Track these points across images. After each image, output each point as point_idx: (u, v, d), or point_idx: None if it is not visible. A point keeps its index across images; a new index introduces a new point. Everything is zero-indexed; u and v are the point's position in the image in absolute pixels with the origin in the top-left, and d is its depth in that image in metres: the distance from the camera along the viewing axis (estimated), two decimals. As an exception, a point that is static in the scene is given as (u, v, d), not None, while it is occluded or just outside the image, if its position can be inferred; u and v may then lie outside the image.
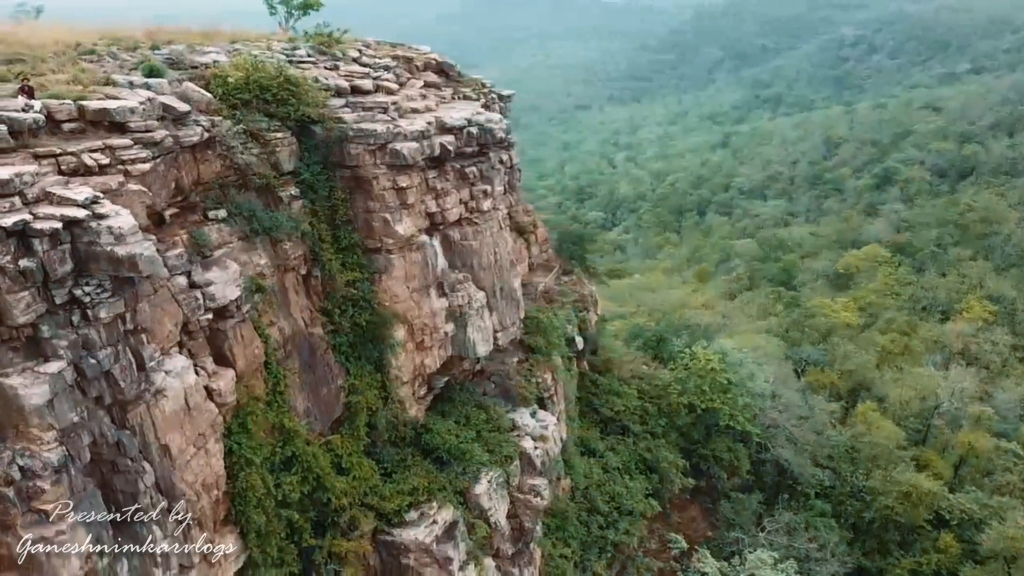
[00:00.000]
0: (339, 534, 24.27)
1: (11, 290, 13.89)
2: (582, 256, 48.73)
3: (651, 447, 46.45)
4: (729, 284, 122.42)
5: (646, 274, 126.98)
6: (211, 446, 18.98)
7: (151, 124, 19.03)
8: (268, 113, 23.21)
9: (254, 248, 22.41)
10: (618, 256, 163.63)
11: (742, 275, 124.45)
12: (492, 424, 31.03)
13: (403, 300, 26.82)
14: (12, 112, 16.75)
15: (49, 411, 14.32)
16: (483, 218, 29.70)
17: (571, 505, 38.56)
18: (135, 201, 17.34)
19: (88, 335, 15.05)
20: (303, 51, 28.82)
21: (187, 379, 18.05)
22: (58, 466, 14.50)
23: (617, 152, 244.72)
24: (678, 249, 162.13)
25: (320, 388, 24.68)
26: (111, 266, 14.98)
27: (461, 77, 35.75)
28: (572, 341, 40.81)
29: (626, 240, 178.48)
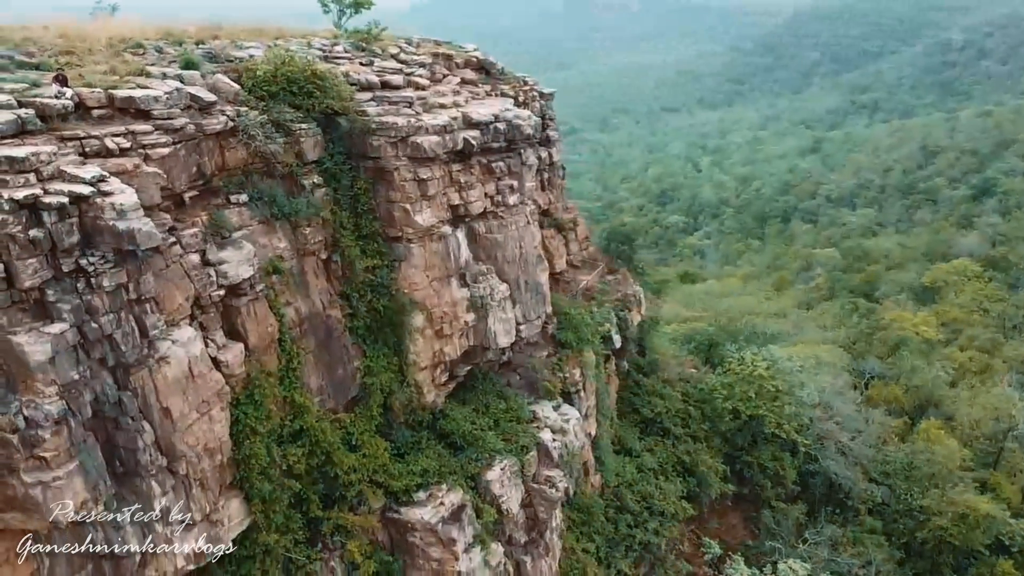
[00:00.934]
0: (347, 508, 25.44)
1: (20, 257, 15.45)
2: (629, 256, 48.78)
3: (691, 450, 46.21)
4: (807, 293, 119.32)
5: (723, 280, 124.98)
6: (215, 413, 20.32)
7: (173, 112, 20.58)
8: (294, 105, 24.54)
9: (274, 231, 23.80)
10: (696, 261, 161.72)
11: (822, 285, 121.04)
12: (511, 414, 31.70)
13: (422, 288, 27.80)
14: (44, 98, 18.51)
15: (51, 368, 15.85)
16: (509, 212, 30.41)
17: (598, 501, 38.85)
18: (150, 182, 18.83)
19: (91, 301, 16.53)
20: (341, 47, 30.21)
21: (192, 349, 19.44)
22: (58, 418, 16.00)
23: (703, 156, 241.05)
24: (759, 256, 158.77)
25: (335, 368, 25.92)
26: (113, 239, 16.42)
27: (503, 75, 36.55)
28: (609, 339, 41.03)
29: (706, 245, 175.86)
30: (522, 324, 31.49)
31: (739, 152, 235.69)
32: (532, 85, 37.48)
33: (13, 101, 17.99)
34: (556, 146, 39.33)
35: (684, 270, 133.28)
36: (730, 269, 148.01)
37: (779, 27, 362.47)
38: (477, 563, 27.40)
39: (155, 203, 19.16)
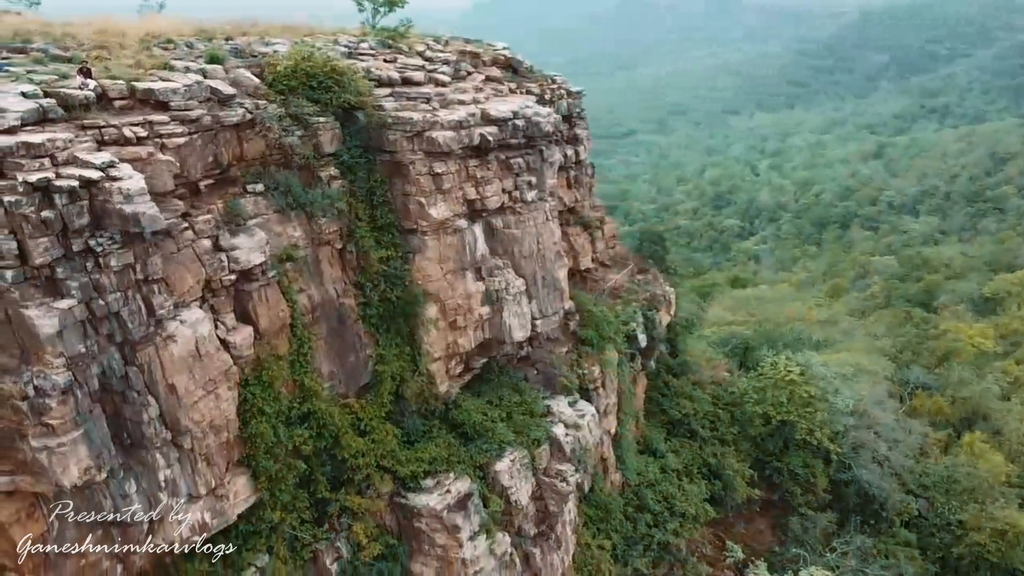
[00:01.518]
0: (354, 491, 26.23)
1: (32, 236, 16.54)
2: (661, 256, 48.71)
3: (718, 453, 46.01)
4: (862, 301, 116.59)
5: (775, 285, 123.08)
6: (222, 392, 21.25)
7: (191, 104, 21.61)
8: (313, 99, 25.43)
9: (289, 221, 24.71)
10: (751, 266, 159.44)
11: (877, 293, 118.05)
12: (524, 407, 32.11)
13: (436, 280, 28.43)
14: (68, 89, 19.70)
15: (59, 341, 16.91)
16: (527, 208, 30.82)
17: (617, 499, 39.01)
18: (163, 169, 19.86)
19: (99, 280, 17.56)
20: (367, 45, 31.08)
21: (200, 329, 20.39)
22: (64, 388, 17.06)
23: (762, 159, 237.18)
24: (815, 262, 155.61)
25: (347, 354, 26.74)
26: (120, 221, 17.42)
27: (531, 73, 37.00)
28: (634, 338, 41.10)
29: (761, 250, 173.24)
30: (538, 319, 31.87)
31: (799, 156, 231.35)
32: (560, 83, 37.83)
33: (39, 91, 19.19)
34: (584, 144, 39.57)
35: (735, 275, 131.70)
36: (785, 275, 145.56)
37: (844, 29, 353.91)
38: (482, 551, 27.91)
39: (168, 189, 20.18)
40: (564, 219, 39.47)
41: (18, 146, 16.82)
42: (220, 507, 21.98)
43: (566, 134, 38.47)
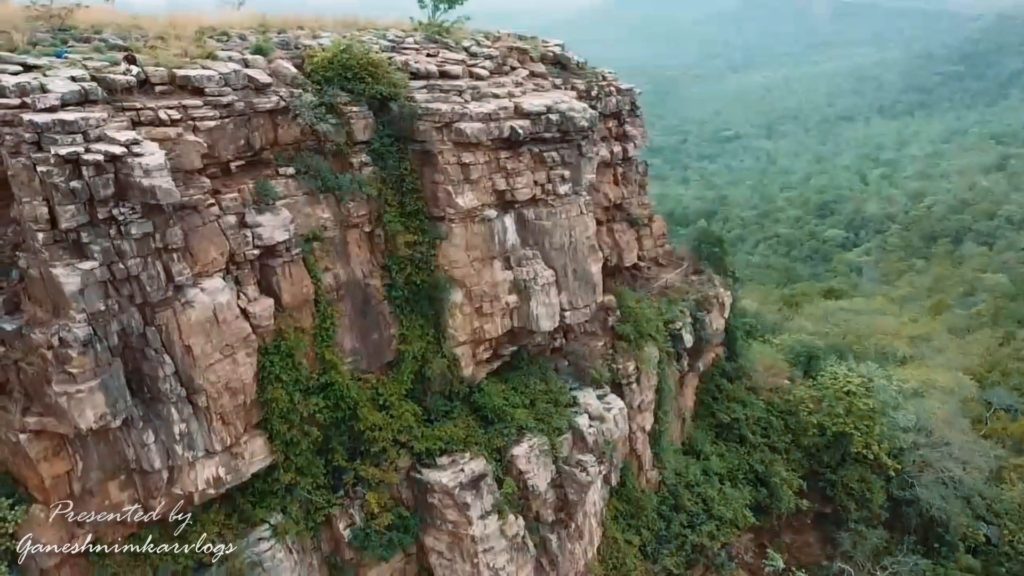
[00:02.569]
0: (370, 462, 27.59)
1: (61, 203, 18.58)
2: (719, 258, 48.15)
3: (767, 460, 45.30)
4: (967, 320, 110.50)
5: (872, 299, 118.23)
6: (240, 357, 22.97)
7: (224, 90, 23.46)
8: (347, 89, 26.94)
9: (318, 203, 26.30)
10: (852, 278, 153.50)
11: (984, 312, 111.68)
12: (549, 396, 32.73)
13: (462, 266, 29.48)
14: (114, 74, 21.83)
15: (81, 298, 18.91)
16: (560, 201, 31.45)
17: (651, 497, 39.11)
18: (190, 149, 21.69)
19: (120, 246, 19.48)
20: (412, 39, 32.46)
21: (219, 297, 22.14)
22: (85, 341, 19.05)
23: (874, 168, 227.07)
24: (921, 277, 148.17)
25: (371, 333, 28.18)
26: (140, 193, 19.27)
27: (581, 69, 37.53)
28: (679, 338, 41.00)
29: (865, 262, 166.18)
30: (567, 310, 32.41)
31: (914, 166, 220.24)
32: (610, 80, 38.18)
33: (87, 75, 21.37)
34: (635, 142, 39.74)
35: (829, 286, 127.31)
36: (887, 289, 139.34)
37: (978, 33, 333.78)
38: (492, 530, 28.77)
39: (195, 167, 22.00)
40: (610, 215, 39.83)
41: (54, 123, 18.89)
42: (235, 464, 23.77)
43: (615, 131, 38.79)
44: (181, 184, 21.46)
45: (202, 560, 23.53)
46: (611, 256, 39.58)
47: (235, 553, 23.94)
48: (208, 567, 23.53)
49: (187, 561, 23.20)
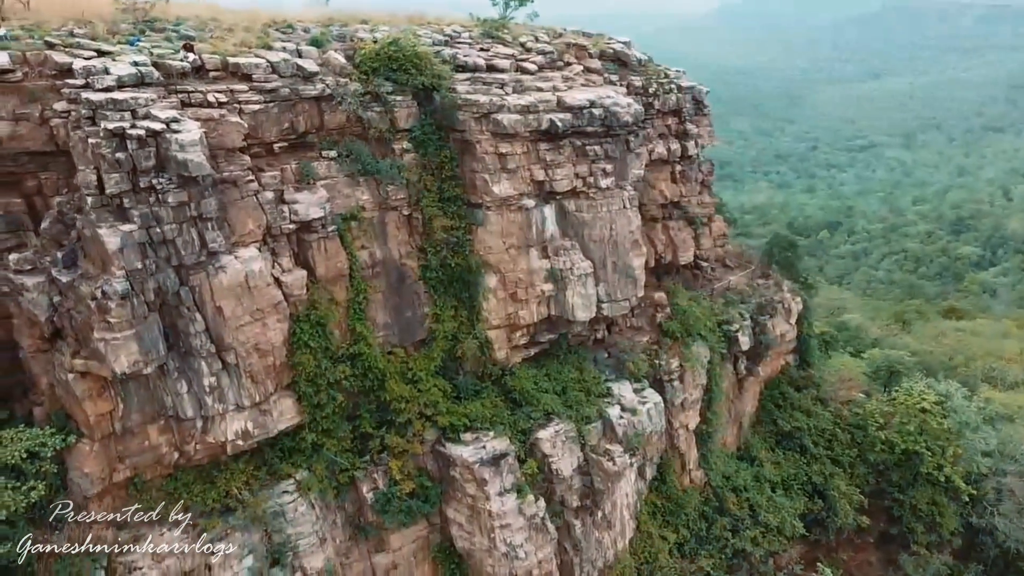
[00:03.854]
0: (395, 432, 29.21)
1: (108, 171, 21.11)
2: (791, 263, 47.08)
3: (827, 473, 44.11)
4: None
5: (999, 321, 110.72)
6: (270, 322, 25.07)
7: (270, 77, 25.65)
8: (392, 79, 28.66)
9: (358, 185, 28.16)
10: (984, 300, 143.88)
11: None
12: (582, 385, 33.42)
13: (497, 252, 30.67)
14: (172, 60, 24.39)
15: (121, 256, 21.38)
16: (601, 194, 32.07)
17: (693, 496, 38.99)
18: (231, 129, 23.91)
19: (158, 212, 21.85)
20: (468, 34, 33.89)
21: (252, 266, 24.27)
22: (123, 294, 21.49)
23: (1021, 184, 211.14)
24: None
25: (404, 310, 29.82)
26: (176, 166, 21.57)
27: (641, 66, 37.86)
28: (734, 340, 40.58)
29: (1001, 284, 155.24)
30: (605, 302, 32.98)
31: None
32: (672, 78, 38.28)
33: (148, 61, 23.99)
34: (696, 140, 39.62)
35: (950, 305, 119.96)
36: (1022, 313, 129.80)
37: None
38: (510, 508, 29.80)
39: (236, 146, 24.21)
40: (666, 213, 39.91)
41: (107, 101, 21.47)
42: (263, 420, 25.92)
43: (674, 128, 38.85)
44: (223, 161, 23.87)
45: (229, 504, 25.84)
46: (665, 253, 39.69)
47: (259, 501, 26.10)
48: (233, 511, 25.79)
49: (215, 504, 25.55)
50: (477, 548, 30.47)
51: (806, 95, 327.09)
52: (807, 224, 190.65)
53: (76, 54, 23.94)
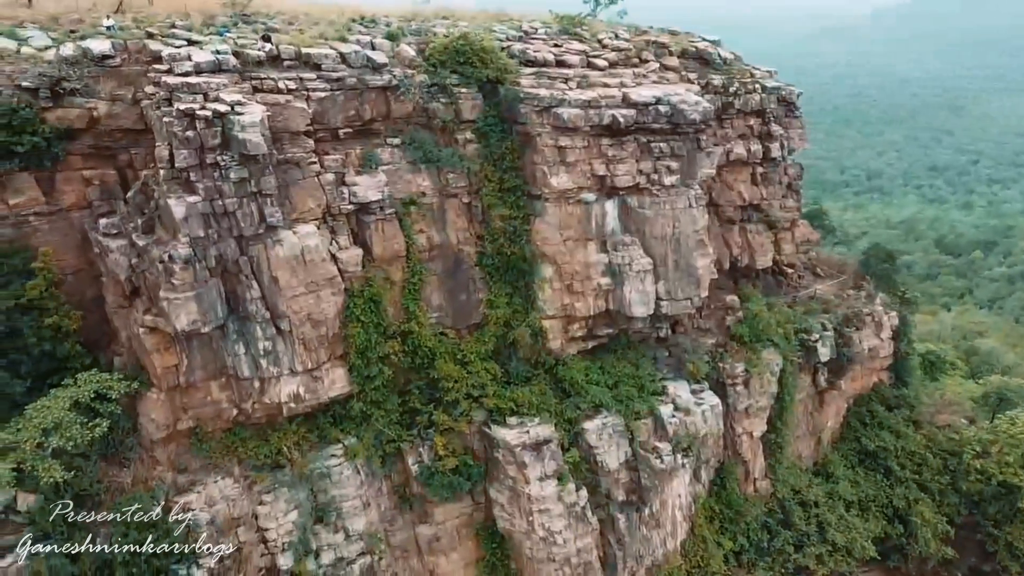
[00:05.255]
0: (443, 410, 30.45)
1: (178, 147, 23.49)
2: (888, 276, 44.83)
3: (910, 497, 41.92)
4: None
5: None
6: (324, 294, 26.88)
7: (338, 67, 27.50)
8: (458, 72, 29.92)
9: (419, 172, 29.61)
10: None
11: None
12: (635, 381, 33.44)
13: (553, 244, 31.31)
14: (250, 50, 26.68)
15: (186, 224, 23.72)
16: (665, 192, 32.04)
17: (756, 506, 38.16)
18: (295, 114, 25.86)
19: (221, 186, 24.05)
20: (543, 31, 34.66)
21: (308, 241, 26.16)
22: (186, 259, 23.83)
23: None
24: None
25: (459, 294, 31.04)
26: (238, 144, 23.68)
27: (726, 65, 37.33)
28: (811, 350, 39.26)
29: None
30: (664, 300, 32.87)
31: None
32: (756, 78, 37.49)
33: (228, 50, 26.36)
34: (781, 142, 38.55)
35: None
36: None
37: None
38: (549, 493, 30.40)
39: (300, 130, 26.13)
40: (744, 215, 39.10)
41: (182, 84, 23.90)
42: (314, 387, 27.81)
43: (756, 129, 38.01)
44: (287, 143, 25.89)
45: (279, 462, 27.92)
46: (741, 256, 38.94)
47: (307, 461, 28.07)
48: (282, 468, 27.85)
49: (267, 460, 27.69)
50: (517, 530, 31.29)
51: (969, 105, 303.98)
52: (958, 243, 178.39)
53: (168, 43, 26.68)
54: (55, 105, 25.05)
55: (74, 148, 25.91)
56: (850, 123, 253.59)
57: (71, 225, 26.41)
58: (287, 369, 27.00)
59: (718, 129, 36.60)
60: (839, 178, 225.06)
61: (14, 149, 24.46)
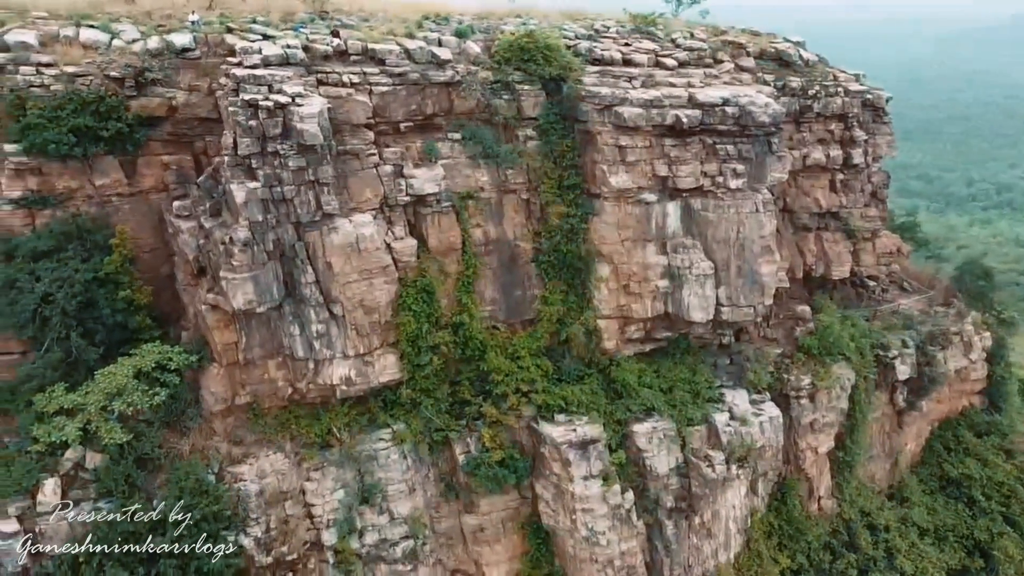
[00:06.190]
0: (492, 403, 30.82)
1: (241, 136, 24.79)
2: (983, 294, 42.13)
3: (994, 530, 39.42)
4: None
5: None
6: (377, 282, 27.73)
7: (401, 62, 28.31)
8: (522, 69, 30.22)
9: (478, 167, 30.09)
10: None
11: None
12: (691, 387, 32.81)
13: (611, 243, 31.16)
14: (318, 44, 27.84)
15: (245, 208, 25.01)
16: (730, 195, 31.32)
17: (818, 524, 36.83)
18: (356, 107, 26.84)
19: (280, 174, 25.23)
20: (616, 29, 34.46)
21: (363, 230, 27.06)
22: (245, 242, 25.14)
23: None
24: None
25: (513, 289, 31.35)
26: (296, 134, 24.78)
27: (809, 67, 36.06)
28: (890, 368, 37.43)
29: None
30: (725, 306, 32.11)
31: None
32: (840, 81, 36.00)
33: (299, 44, 27.58)
34: (865, 148, 36.86)
35: None
36: None
37: None
38: (593, 493, 30.24)
39: (360, 122, 27.10)
40: (821, 223, 37.64)
41: (248, 76, 25.22)
42: (365, 371, 28.73)
43: (837, 134, 36.49)
44: (347, 134, 26.91)
45: (329, 442, 28.99)
46: (816, 265, 37.54)
47: (356, 443, 29.03)
48: (331, 448, 28.90)
49: (317, 439, 28.79)
50: (560, 527, 31.31)
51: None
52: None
53: (244, 37, 28.13)
54: (139, 94, 26.92)
55: (154, 135, 27.75)
56: (980, 133, 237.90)
57: (149, 206, 28.28)
58: (339, 352, 28.02)
59: (794, 133, 35.45)
60: (965, 191, 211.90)
61: (100, 134, 26.44)
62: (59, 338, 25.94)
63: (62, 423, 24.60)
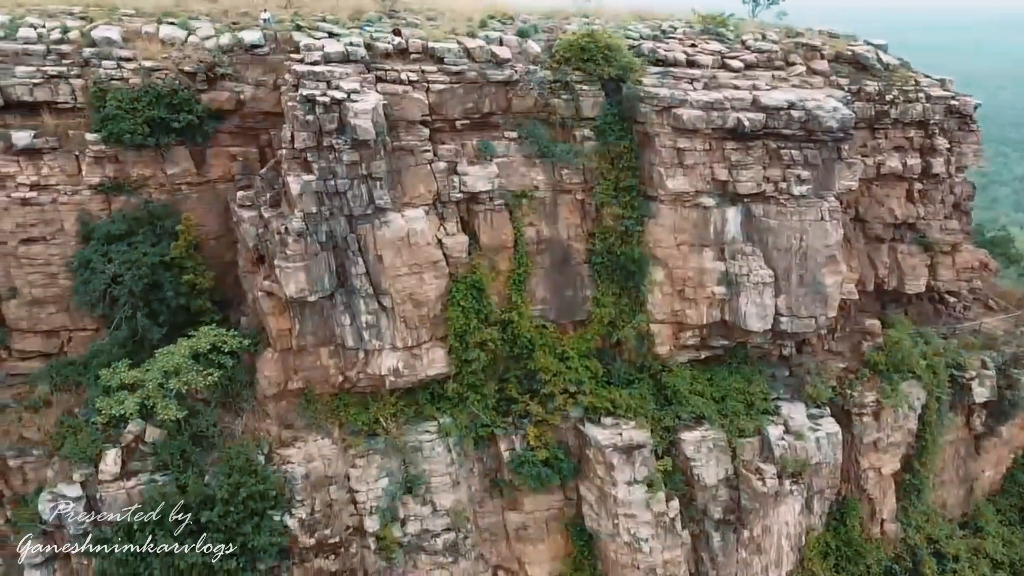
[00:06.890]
0: (538, 402, 30.83)
1: (298, 129, 25.65)
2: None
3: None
4: None
5: None
6: (427, 277, 28.20)
7: (459, 60, 28.67)
8: (582, 69, 30.12)
9: (534, 166, 30.16)
10: None
11: None
12: (745, 397, 31.93)
13: (666, 247, 30.68)
14: (380, 42, 28.51)
15: (300, 200, 25.88)
16: (793, 202, 30.35)
17: (881, 549, 35.25)
18: (412, 104, 27.36)
19: (334, 167, 25.96)
20: (683, 30, 33.85)
21: (415, 224, 27.57)
22: (299, 232, 26.01)
23: None
24: None
25: (564, 289, 31.27)
26: (351, 130, 25.44)
27: (888, 71, 34.51)
28: (966, 389, 35.48)
29: None
30: (784, 316, 31.12)
31: None
32: (922, 86, 34.26)
33: (361, 42, 28.33)
34: (947, 157, 34.97)
35: None
36: None
37: None
38: (636, 499, 29.91)
39: (416, 119, 27.60)
40: (896, 234, 35.94)
41: (307, 72, 26.13)
42: (413, 363, 29.24)
43: (916, 142, 34.74)
44: (402, 130, 27.50)
45: (375, 431, 29.61)
46: (889, 278, 35.93)
47: (401, 433, 29.58)
48: (377, 436, 29.53)
49: (364, 427, 29.47)
50: (603, 531, 31.11)
51: None
52: None
53: (311, 35, 29.08)
54: (209, 88, 28.21)
55: (223, 127, 29.02)
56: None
57: (216, 195, 29.58)
58: (388, 344, 28.61)
59: (869, 139, 34.03)
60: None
61: (172, 125, 27.82)
62: (126, 317, 27.49)
63: (123, 397, 26.02)
